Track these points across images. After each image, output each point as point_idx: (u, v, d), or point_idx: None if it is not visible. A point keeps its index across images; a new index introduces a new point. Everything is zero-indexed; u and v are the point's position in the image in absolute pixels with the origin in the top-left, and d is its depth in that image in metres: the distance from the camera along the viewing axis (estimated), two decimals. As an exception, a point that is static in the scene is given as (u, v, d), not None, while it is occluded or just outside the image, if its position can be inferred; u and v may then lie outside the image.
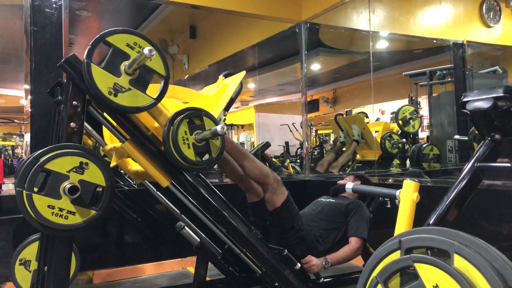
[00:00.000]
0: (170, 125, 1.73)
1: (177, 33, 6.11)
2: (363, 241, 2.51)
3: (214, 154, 1.84)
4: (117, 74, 1.62)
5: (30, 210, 1.46)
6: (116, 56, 1.63)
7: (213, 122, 1.83)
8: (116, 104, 1.62)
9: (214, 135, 1.77)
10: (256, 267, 2.28)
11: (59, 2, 2.96)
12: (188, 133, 1.76)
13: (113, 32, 1.63)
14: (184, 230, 2.32)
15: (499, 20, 4.76)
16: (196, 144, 1.78)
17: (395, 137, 4.56)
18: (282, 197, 2.32)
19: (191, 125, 1.78)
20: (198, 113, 1.81)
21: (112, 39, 1.63)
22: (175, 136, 1.72)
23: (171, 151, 1.72)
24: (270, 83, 7.46)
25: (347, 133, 4.93)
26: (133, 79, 1.66)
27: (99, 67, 1.58)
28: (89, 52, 1.59)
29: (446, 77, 4.71)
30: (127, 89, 1.64)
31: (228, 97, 2.22)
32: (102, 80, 1.59)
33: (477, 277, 1.14)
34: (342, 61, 6.37)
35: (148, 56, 1.55)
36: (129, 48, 1.65)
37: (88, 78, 1.56)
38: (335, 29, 4.70)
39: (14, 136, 12.61)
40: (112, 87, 1.60)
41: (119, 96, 1.62)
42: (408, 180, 1.68)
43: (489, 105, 1.43)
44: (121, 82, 1.63)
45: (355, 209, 2.59)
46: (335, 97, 7.38)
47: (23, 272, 2.34)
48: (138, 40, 1.68)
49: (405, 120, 4.56)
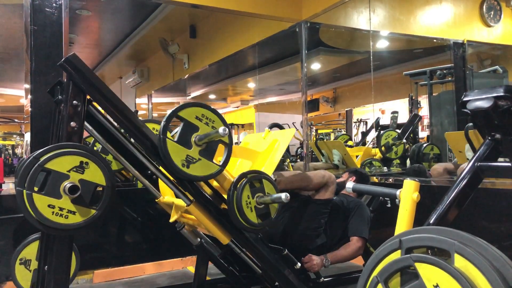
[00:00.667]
0: (234, 190, 1.84)
1: (177, 32, 6.11)
2: (364, 241, 2.51)
3: (273, 215, 1.95)
4: (188, 146, 1.74)
5: (30, 210, 1.46)
6: (187, 128, 1.75)
7: (271, 184, 1.94)
8: (190, 175, 1.74)
9: (276, 201, 1.89)
10: (256, 266, 2.28)
11: (59, 1, 2.95)
12: (250, 197, 1.87)
13: (184, 107, 1.75)
14: (184, 229, 2.32)
15: (499, 19, 4.76)
16: (257, 207, 1.89)
17: (376, 164, 4.48)
18: (330, 195, 2.49)
19: (252, 188, 1.89)
20: (259, 176, 1.92)
21: (183, 113, 1.74)
22: (239, 200, 1.83)
23: (236, 215, 1.84)
24: (270, 83, 7.47)
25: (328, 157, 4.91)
26: (202, 150, 1.77)
27: (173, 141, 1.70)
28: (163, 128, 1.69)
29: (447, 76, 4.71)
30: (197, 159, 1.76)
31: (280, 155, 2.29)
32: (176, 153, 1.71)
33: (478, 276, 1.14)
34: (342, 61, 6.37)
35: (222, 135, 1.69)
36: (197, 121, 1.78)
37: (164, 152, 1.68)
38: (335, 28, 4.70)
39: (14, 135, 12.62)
40: (184, 159, 1.72)
41: (191, 167, 1.74)
42: (408, 180, 1.68)
43: (490, 104, 1.43)
44: (192, 154, 1.75)
45: (356, 209, 2.59)
46: (335, 97, 7.38)
47: (23, 272, 2.33)
48: (206, 112, 1.80)
49: (387, 146, 4.46)
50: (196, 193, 1.88)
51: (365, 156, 4.87)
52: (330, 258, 2.41)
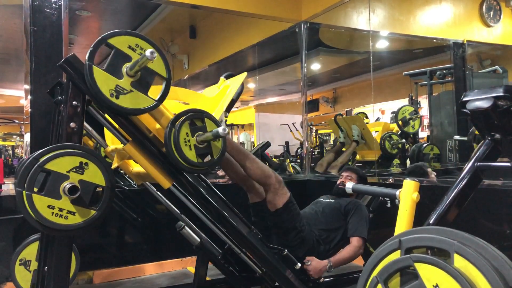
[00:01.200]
0: (171, 127, 1.72)
1: (177, 33, 6.12)
2: (363, 241, 2.51)
3: (216, 155, 1.83)
4: (119, 76, 1.62)
5: (30, 210, 1.46)
6: (118, 58, 1.62)
7: (215, 124, 1.83)
8: (118, 106, 1.61)
9: (215, 137, 1.77)
10: (256, 267, 2.28)
11: (59, 2, 2.96)
12: (189, 135, 1.76)
13: (115, 34, 1.62)
14: (184, 230, 2.31)
15: (499, 19, 4.76)
16: (197, 145, 1.78)
17: (395, 138, 4.55)
18: (284, 198, 2.31)
19: (193, 127, 1.77)
20: (200, 115, 1.80)
21: (113, 41, 1.62)
22: (177, 138, 1.72)
23: (173, 153, 1.72)
24: (270, 83, 7.47)
25: (347, 133, 4.93)
26: (135, 81, 1.65)
27: (101, 69, 1.58)
28: (90, 54, 1.58)
29: (446, 76, 4.71)
30: (128, 91, 1.63)
31: (230, 99, 2.21)
32: (104, 82, 1.58)
33: (477, 276, 1.14)
34: (342, 61, 6.37)
35: (150, 58, 1.55)
36: (130, 50, 1.64)
37: (90, 80, 1.55)
38: (335, 28, 4.70)
39: (14, 136, 12.62)
40: (114, 89, 1.59)
41: (121, 98, 1.61)
42: (408, 180, 1.68)
43: (489, 104, 1.43)
44: (123, 84, 1.62)
45: (354, 209, 2.59)
46: (335, 97, 7.39)
47: (23, 272, 2.33)
48: (140, 42, 1.67)
49: (404, 121, 4.55)
50: (132, 131, 1.78)
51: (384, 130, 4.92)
52: (333, 263, 2.40)
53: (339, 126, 5.02)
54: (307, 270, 2.32)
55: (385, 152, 4.54)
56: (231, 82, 2.36)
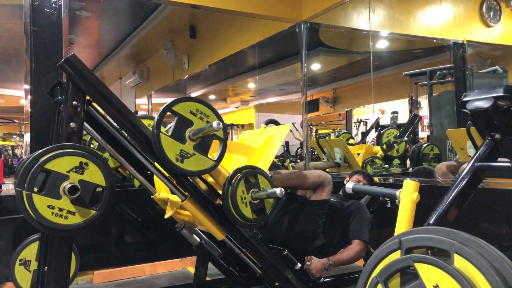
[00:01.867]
0: (229, 185, 1.82)
1: (177, 33, 6.11)
2: (365, 244, 2.50)
3: (268, 210, 1.94)
4: (182, 141, 1.73)
5: (30, 210, 1.46)
6: (181, 123, 1.74)
7: (267, 180, 1.93)
8: (183, 170, 1.72)
9: (271, 196, 1.88)
10: (256, 267, 2.28)
11: (59, 2, 2.96)
12: (245, 192, 1.86)
13: (178, 101, 1.74)
14: (184, 230, 2.32)
15: (499, 19, 4.76)
16: (252, 202, 1.88)
17: (378, 162, 4.43)
18: (327, 195, 2.48)
19: (247, 184, 1.87)
20: (254, 172, 1.91)
21: (177, 108, 1.73)
22: (234, 195, 1.82)
23: (230, 210, 1.82)
24: (270, 83, 7.46)
25: (330, 155, 4.91)
26: (197, 145, 1.76)
27: (167, 136, 1.69)
28: (157, 123, 1.67)
29: (446, 76, 4.71)
30: (191, 154, 1.74)
31: (276, 150, 2.28)
32: (170, 148, 1.69)
33: (478, 277, 1.14)
34: (342, 61, 6.37)
35: (216, 129, 1.68)
36: (192, 115, 1.76)
37: (158, 147, 1.66)
38: (335, 28, 4.69)
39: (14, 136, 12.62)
40: (179, 154, 1.71)
41: (185, 162, 1.72)
42: (408, 180, 1.68)
43: (490, 104, 1.43)
44: (187, 149, 1.74)
45: (356, 211, 2.58)
46: (335, 97, 7.38)
47: (23, 272, 2.33)
48: (200, 107, 1.79)
49: (389, 144, 4.45)
50: (190, 188, 1.87)
51: (367, 154, 4.84)
52: (332, 262, 2.40)
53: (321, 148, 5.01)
54: (308, 269, 2.32)
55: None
56: (274, 131, 2.40)
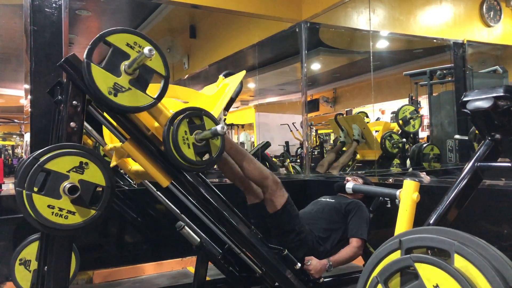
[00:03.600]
0: (170, 125, 1.72)
1: (177, 33, 6.11)
2: (363, 242, 2.51)
3: (214, 154, 1.83)
4: (117, 74, 1.62)
5: (30, 210, 1.46)
6: (116, 55, 1.62)
7: (213, 122, 1.83)
8: (116, 104, 1.60)
9: (214, 135, 1.77)
10: (256, 267, 2.28)
11: (59, 1, 2.95)
12: (188, 133, 1.75)
13: (113, 32, 1.62)
14: (184, 230, 2.31)
15: (499, 19, 4.76)
16: (196, 144, 1.77)
17: (395, 137, 4.56)
18: (282, 200, 2.29)
19: (191, 125, 1.77)
20: (198, 113, 1.80)
21: (112, 38, 1.62)
22: (175, 136, 1.71)
23: (171, 151, 1.71)
24: (270, 83, 7.47)
25: (347, 132, 4.93)
26: (133, 79, 1.65)
27: (99, 67, 1.58)
28: (88, 51, 1.58)
29: (446, 76, 4.72)
30: (127, 88, 1.63)
31: (228, 97, 2.21)
32: (102, 79, 1.57)
33: (478, 277, 1.14)
34: (342, 61, 6.37)
35: (148, 56, 1.55)
36: (129, 48, 1.64)
37: (88, 78, 1.55)
38: (335, 28, 4.69)
39: (14, 136, 12.62)
40: (112, 86, 1.59)
41: (119, 96, 1.61)
42: (408, 180, 1.68)
43: (490, 104, 1.43)
44: (121, 82, 1.62)
45: (355, 210, 2.58)
46: (335, 97, 7.38)
47: (23, 272, 2.33)
48: (138, 39, 1.66)
49: (405, 120, 4.56)
50: (131, 129, 1.78)
51: (384, 130, 4.93)
52: (332, 262, 2.40)
53: (339, 126, 5.02)
54: (307, 270, 2.31)
55: (386, 151, 4.55)
56: (230, 81, 2.35)
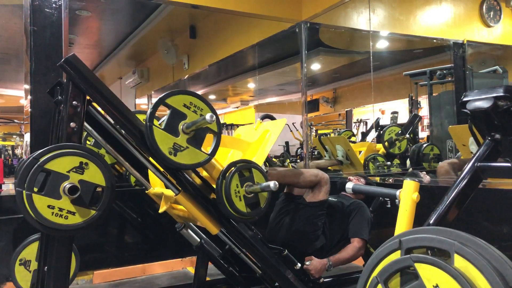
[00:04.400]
0: (222, 179, 1.81)
1: (177, 33, 6.11)
2: (364, 242, 2.51)
3: (263, 204, 1.92)
4: (175, 134, 1.71)
5: (30, 210, 1.46)
6: (175, 116, 1.72)
7: (261, 174, 1.92)
8: (176, 163, 1.70)
9: (265, 190, 1.86)
10: (256, 267, 2.28)
11: (59, 2, 2.95)
12: (239, 186, 1.85)
13: (172, 94, 1.72)
14: (184, 230, 2.32)
15: (499, 19, 4.76)
16: (246, 196, 1.87)
17: (380, 159, 4.46)
18: (324, 196, 2.47)
19: (241, 178, 1.86)
20: (248, 166, 1.89)
21: (170, 100, 1.71)
22: (228, 189, 1.80)
23: (224, 204, 1.81)
24: (270, 83, 7.46)
25: (332, 153, 4.90)
26: (190, 138, 1.75)
27: (160, 129, 1.67)
28: (150, 116, 1.66)
29: (446, 76, 4.71)
30: (185, 147, 1.73)
31: (271, 145, 2.27)
32: (163, 141, 1.68)
33: (478, 277, 1.14)
34: (342, 61, 6.37)
35: (209, 122, 1.66)
36: (185, 108, 1.75)
37: (151, 140, 1.65)
38: (335, 28, 4.69)
39: (14, 136, 12.62)
40: (172, 147, 1.70)
41: (178, 155, 1.71)
42: (408, 180, 1.68)
43: (490, 104, 1.43)
44: (180, 142, 1.72)
45: (357, 210, 2.59)
46: (335, 97, 7.38)
47: (23, 272, 2.33)
48: (194, 100, 1.77)
49: (391, 141, 4.48)
50: (184, 182, 1.86)
51: (369, 151, 4.86)
52: (332, 262, 2.40)
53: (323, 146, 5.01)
54: (308, 269, 2.32)
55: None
56: (270, 126, 2.39)
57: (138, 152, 1.90)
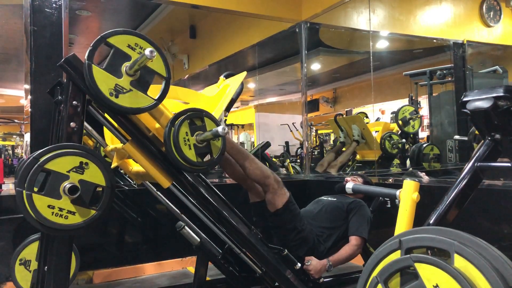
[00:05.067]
0: (171, 126, 1.73)
1: (177, 33, 6.11)
2: (363, 241, 2.51)
3: (215, 155, 1.84)
4: (118, 75, 1.63)
5: (30, 210, 1.46)
6: (117, 57, 1.63)
7: (214, 123, 1.83)
8: (117, 105, 1.62)
9: (215, 136, 1.78)
10: (256, 267, 2.28)
11: (59, 1, 2.95)
12: (189, 134, 1.76)
13: (114, 33, 1.63)
14: (184, 230, 2.31)
15: (499, 19, 4.76)
16: (197, 145, 1.78)
17: (395, 137, 4.56)
18: (283, 198, 2.30)
19: (192, 126, 1.78)
20: (199, 114, 1.81)
21: (113, 40, 1.63)
22: (176, 137, 1.72)
23: (172, 152, 1.72)
24: (270, 83, 7.46)
25: (347, 133, 4.93)
26: (134, 80, 1.66)
27: (100, 68, 1.59)
28: (90, 53, 1.59)
29: (446, 76, 4.71)
30: (128, 90, 1.64)
31: (229, 98, 2.21)
32: (103, 81, 1.59)
33: (478, 277, 1.14)
34: (342, 61, 6.37)
35: (149, 57, 1.56)
36: (130, 49, 1.65)
37: (89, 79, 1.56)
38: (335, 28, 4.69)
39: (14, 136, 12.62)
40: (113, 88, 1.60)
41: (120, 97, 1.62)
42: (408, 180, 1.68)
43: (490, 104, 1.43)
44: (122, 83, 1.63)
45: (357, 209, 2.59)
46: (335, 97, 7.38)
47: (23, 272, 2.33)
48: (139, 41, 1.67)
49: (405, 120, 4.56)
50: (133, 131, 1.79)
51: (384, 130, 4.92)
52: (332, 262, 2.40)
53: (339, 126, 5.02)
54: (307, 270, 2.32)
55: (385, 152, 4.55)
56: (231, 82, 2.36)
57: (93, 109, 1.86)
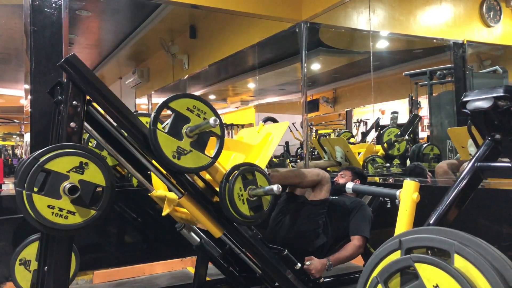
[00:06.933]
0: (226, 182, 1.82)
1: (177, 33, 6.11)
2: (364, 240, 2.52)
3: (266, 207, 1.93)
4: (179, 137, 1.73)
5: (30, 210, 1.46)
6: (178, 120, 1.74)
7: (264, 177, 1.93)
8: (180, 167, 1.72)
9: (269, 193, 1.87)
10: (256, 267, 2.28)
11: (59, 1, 2.95)
12: (242, 190, 1.86)
13: (175, 98, 1.73)
14: (184, 230, 2.32)
15: (499, 19, 4.76)
16: (249, 199, 1.88)
17: (379, 161, 4.46)
18: (325, 195, 2.50)
19: (245, 181, 1.87)
20: (251, 169, 1.91)
21: (174, 104, 1.73)
22: (231, 192, 1.82)
23: (228, 207, 1.82)
24: (270, 83, 7.46)
25: (330, 154, 4.90)
26: (194, 141, 1.76)
27: (163, 132, 1.68)
28: (154, 119, 1.67)
29: (446, 76, 4.71)
30: (188, 151, 1.75)
31: (274, 148, 2.27)
32: (166, 144, 1.69)
33: (478, 277, 1.14)
34: (342, 61, 6.37)
35: (213, 126, 1.68)
36: (189, 112, 1.76)
37: (154, 144, 1.66)
38: (335, 28, 4.69)
39: (14, 136, 12.61)
40: (175, 150, 1.71)
41: (182, 159, 1.73)
42: (408, 180, 1.68)
43: (490, 104, 1.43)
44: (183, 145, 1.74)
45: (358, 208, 2.60)
46: (335, 97, 7.38)
47: (23, 272, 2.33)
48: (197, 103, 1.79)
49: (390, 143, 4.48)
50: (187, 186, 1.87)
51: (368, 152, 4.86)
52: (332, 261, 2.40)
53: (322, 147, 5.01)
54: (308, 269, 2.32)
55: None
56: (272, 129, 2.40)
57: (140, 155, 1.90)
